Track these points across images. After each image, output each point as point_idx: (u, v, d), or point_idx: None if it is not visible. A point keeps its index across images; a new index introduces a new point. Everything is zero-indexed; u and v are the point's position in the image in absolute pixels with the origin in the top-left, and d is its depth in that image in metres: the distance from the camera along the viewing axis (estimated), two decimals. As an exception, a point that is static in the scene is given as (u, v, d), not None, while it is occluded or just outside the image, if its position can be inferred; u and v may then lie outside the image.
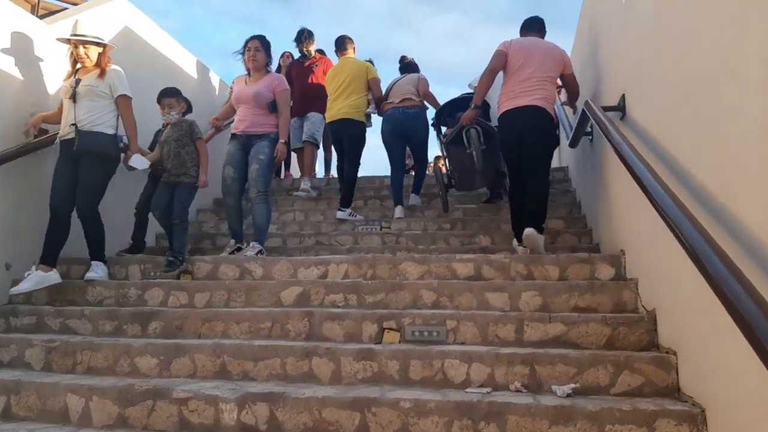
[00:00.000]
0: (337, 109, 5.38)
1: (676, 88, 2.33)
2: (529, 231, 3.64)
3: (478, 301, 3.05)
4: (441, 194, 5.19)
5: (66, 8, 4.70)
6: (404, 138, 5.52)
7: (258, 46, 4.29)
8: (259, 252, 4.01)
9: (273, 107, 4.25)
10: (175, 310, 3.10)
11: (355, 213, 5.29)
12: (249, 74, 4.37)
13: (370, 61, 5.89)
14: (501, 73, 4.06)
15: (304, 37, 6.30)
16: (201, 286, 3.40)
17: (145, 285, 3.46)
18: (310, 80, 6.20)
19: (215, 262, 3.75)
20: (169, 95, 4.19)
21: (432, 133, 5.59)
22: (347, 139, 5.39)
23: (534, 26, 4.30)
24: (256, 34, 4.65)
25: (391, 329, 2.81)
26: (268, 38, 4.41)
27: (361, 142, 5.47)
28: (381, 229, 5.00)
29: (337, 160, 6.05)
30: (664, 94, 2.49)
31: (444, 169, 5.46)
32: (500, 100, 4.04)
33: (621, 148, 2.60)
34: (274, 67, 4.67)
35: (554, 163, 7.27)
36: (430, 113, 5.61)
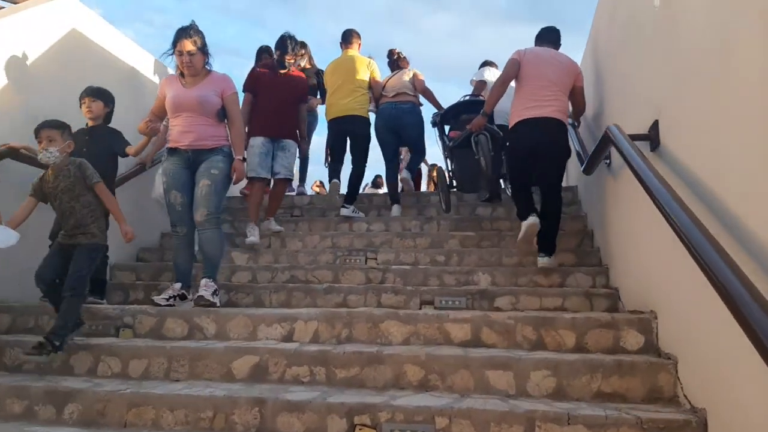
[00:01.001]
0: (343, 105, 5.21)
1: (737, 115, 1.71)
2: (543, 262, 3.78)
3: (476, 380, 2.44)
4: (442, 195, 5.05)
5: (2, 7, 4.04)
6: (397, 133, 5.47)
7: (192, 50, 3.37)
8: (215, 293, 3.35)
9: (222, 115, 3.53)
10: (97, 391, 2.46)
11: (357, 210, 5.26)
12: (182, 74, 3.51)
13: (371, 58, 5.60)
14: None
15: (291, 46, 4.78)
16: (137, 351, 2.77)
17: (70, 348, 2.84)
18: (285, 96, 4.71)
19: (161, 315, 3.12)
20: (49, 126, 2.99)
21: (428, 129, 5.59)
22: (356, 137, 5.29)
23: (549, 36, 4.26)
24: (186, 26, 3.42)
25: (364, 426, 2.18)
26: (203, 31, 3.46)
27: (368, 139, 5.36)
28: (366, 262, 4.38)
29: (332, 161, 5.58)
30: (720, 123, 1.87)
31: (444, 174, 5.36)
32: (514, 109, 3.94)
33: (660, 196, 1.99)
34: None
35: (563, 182, 6.68)
36: (427, 111, 5.73)
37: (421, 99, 5.64)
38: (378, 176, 9.29)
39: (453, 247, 4.53)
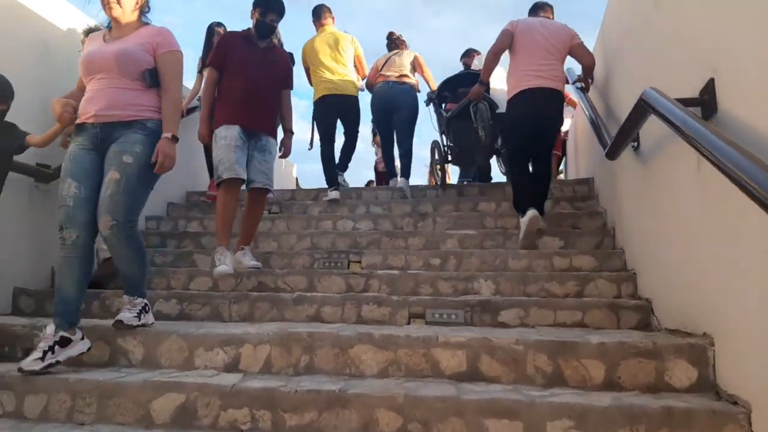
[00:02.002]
0: (335, 83, 5.00)
1: None
2: (532, 213, 3.61)
3: (471, 433, 1.79)
4: (438, 169, 5.36)
5: None
6: (391, 113, 5.33)
7: None
8: (143, 311, 2.56)
9: (154, 80, 2.56)
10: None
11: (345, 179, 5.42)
12: (109, 28, 2.68)
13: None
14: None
15: (278, 6, 3.71)
16: (34, 384, 2.14)
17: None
18: (266, 77, 3.61)
19: (78, 334, 2.49)
20: None
21: (422, 117, 5.48)
22: (350, 115, 5.20)
23: (542, 6, 4.26)
24: None
25: (311, 505, 1.55)
26: None
27: (358, 114, 5.28)
28: (349, 266, 3.74)
29: (324, 143, 5.11)
30: None
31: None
32: (512, 81, 3.90)
33: (742, 168, 1.33)
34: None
35: (573, 172, 6.00)
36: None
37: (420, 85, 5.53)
38: (371, 181, 8.64)
39: (450, 248, 3.88)
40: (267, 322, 2.97)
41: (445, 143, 5.32)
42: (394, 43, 5.66)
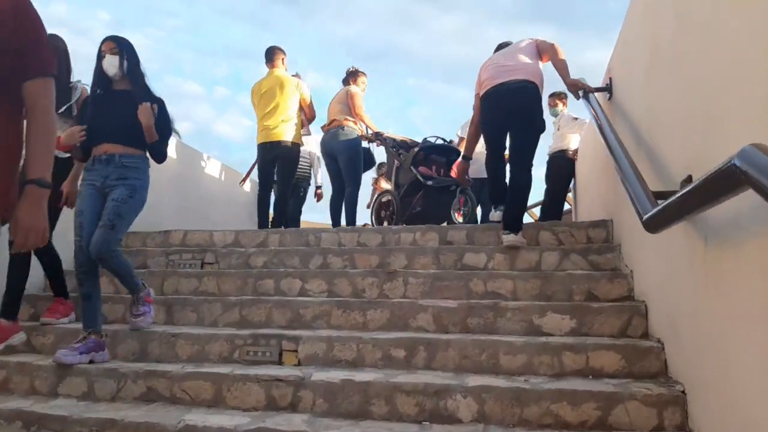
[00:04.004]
0: (269, 129, 4.87)
1: None
2: (510, 239, 3.50)
3: None
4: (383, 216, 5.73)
5: None
6: (333, 158, 5.25)
7: None
8: None
9: None
10: None
11: None
12: None
13: (297, 76, 5.29)
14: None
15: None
16: None
17: None
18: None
19: None
20: None
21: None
22: (283, 162, 4.96)
23: (503, 46, 4.17)
24: None
25: None
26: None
27: (295, 163, 5.09)
28: (281, 357, 2.72)
29: (260, 187, 5.13)
30: None
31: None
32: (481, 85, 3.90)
33: None
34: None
35: (586, 208, 4.95)
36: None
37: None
38: (365, 224, 7.79)
39: (422, 329, 2.87)
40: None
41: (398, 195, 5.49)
42: (346, 78, 5.48)
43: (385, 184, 8.06)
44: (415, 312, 2.94)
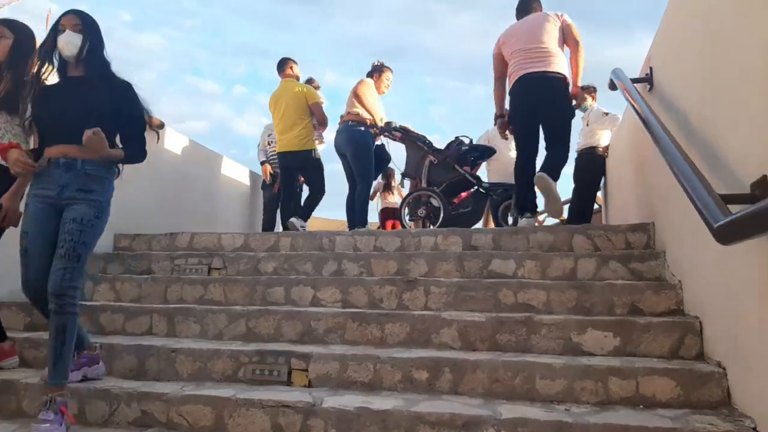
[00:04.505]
0: (283, 139, 5.03)
1: None
2: (541, 173, 3.79)
3: None
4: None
5: None
6: (343, 155, 5.05)
7: None
8: None
9: None
10: None
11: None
12: None
13: (310, 82, 5.55)
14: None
15: None
16: None
17: None
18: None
19: None
20: None
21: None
22: (306, 170, 5.15)
23: (525, 8, 4.24)
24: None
25: None
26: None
27: (315, 170, 5.13)
28: (289, 377, 2.45)
29: (282, 196, 5.27)
30: None
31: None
32: (510, 77, 4.05)
33: None
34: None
35: (620, 209, 4.61)
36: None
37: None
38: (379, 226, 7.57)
39: (446, 346, 2.58)
40: None
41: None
42: (371, 73, 5.23)
43: (393, 193, 7.78)
44: (439, 326, 2.65)
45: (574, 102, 4.10)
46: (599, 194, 5.91)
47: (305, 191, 5.38)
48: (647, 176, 3.53)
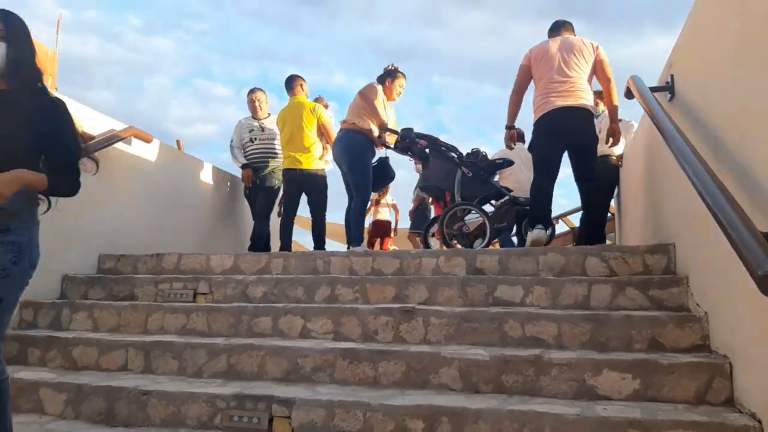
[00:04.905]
0: (291, 157, 4.89)
1: None
2: (533, 235, 3.76)
3: None
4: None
5: None
6: (341, 167, 4.84)
7: None
8: None
9: None
10: None
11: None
12: None
13: (318, 100, 5.36)
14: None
15: None
16: None
17: None
18: None
19: None
20: None
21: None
22: (309, 189, 4.96)
23: (558, 27, 4.18)
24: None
25: None
26: None
27: (320, 193, 4.98)
28: (270, 425, 2.20)
29: (283, 213, 5.07)
30: None
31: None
32: (536, 103, 4.02)
33: None
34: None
35: (631, 230, 4.31)
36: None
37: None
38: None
39: (445, 388, 2.33)
40: None
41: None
42: (382, 77, 4.89)
43: (384, 209, 7.53)
44: (438, 365, 2.39)
45: (611, 140, 4.11)
46: (612, 203, 5.63)
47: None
48: (666, 191, 3.25)
